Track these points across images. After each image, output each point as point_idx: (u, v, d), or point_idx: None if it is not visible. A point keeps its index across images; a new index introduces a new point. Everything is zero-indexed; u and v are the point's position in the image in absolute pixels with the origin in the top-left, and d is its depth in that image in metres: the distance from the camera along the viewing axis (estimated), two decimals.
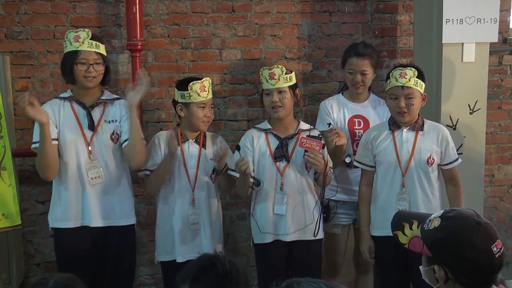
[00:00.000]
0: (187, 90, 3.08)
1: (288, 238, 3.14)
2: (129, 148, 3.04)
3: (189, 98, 3.09)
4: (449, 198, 3.18)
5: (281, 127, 3.18)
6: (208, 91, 3.14)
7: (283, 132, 3.18)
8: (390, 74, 3.08)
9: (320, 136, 3.09)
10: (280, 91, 3.10)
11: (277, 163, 3.15)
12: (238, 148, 3.14)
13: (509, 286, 1.84)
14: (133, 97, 2.97)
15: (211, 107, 3.19)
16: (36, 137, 2.98)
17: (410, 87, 2.99)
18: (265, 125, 3.23)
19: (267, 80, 3.11)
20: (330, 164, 3.16)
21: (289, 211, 3.13)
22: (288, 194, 3.14)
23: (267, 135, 3.19)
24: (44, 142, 2.90)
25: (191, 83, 3.09)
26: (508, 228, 4.34)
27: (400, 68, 3.07)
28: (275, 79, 3.08)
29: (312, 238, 3.17)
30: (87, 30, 2.99)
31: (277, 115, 3.12)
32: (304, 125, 3.23)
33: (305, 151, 3.02)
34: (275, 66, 3.14)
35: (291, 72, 3.16)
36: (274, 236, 3.15)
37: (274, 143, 3.16)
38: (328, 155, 3.14)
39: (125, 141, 3.07)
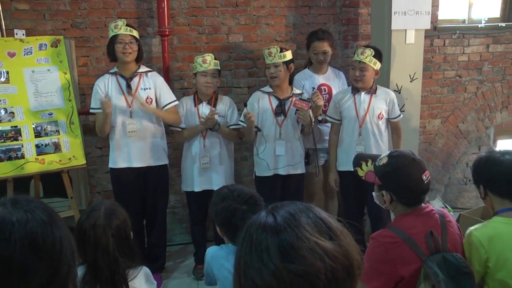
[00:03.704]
0: (194, 63, 3.14)
1: (284, 172, 3.21)
2: (163, 117, 3.12)
3: (195, 69, 3.13)
4: (393, 143, 3.27)
5: (279, 91, 3.19)
6: (209, 63, 3.08)
7: (281, 94, 3.18)
8: (356, 50, 3.09)
9: (309, 99, 3.09)
10: (275, 65, 3.09)
11: (277, 118, 3.16)
12: (245, 104, 3.10)
13: (432, 204, 2.00)
14: (140, 106, 3.01)
15: (213, 76, 3.12)
16: (93, 104, 3.04)
17: (365, 62, 3.01)
18: (268, 89, 3.22)
19: (267, 57, 3.11)
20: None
21: (286, 152, 3.18)
22: (285, 140, 3.17)
23: (270, 96, 3.18)
24: (105, 120, 3.00)
25: (196, 57, 3.12)
26: (434, 164, 4.43)
27: (363, 47, 3.07)
28: (272, 56, 3.07)
29: (299, 172, 3.24)
30: (123, 19, 3.01)
31: (274, 83, 3.15)
32: (296, 90, 3.23)
33: (296, 110, 3.06)
34: (273, 46, 3.10)
35: (287, 51, 3.12)
36: (274, 170, 3.21)
37: (275, 102, 3.17)
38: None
39: (164, 106, 3.12)
